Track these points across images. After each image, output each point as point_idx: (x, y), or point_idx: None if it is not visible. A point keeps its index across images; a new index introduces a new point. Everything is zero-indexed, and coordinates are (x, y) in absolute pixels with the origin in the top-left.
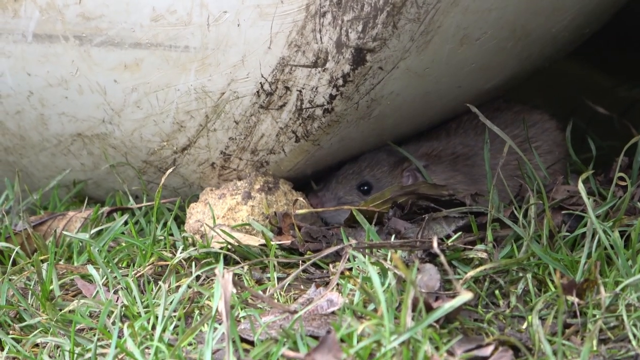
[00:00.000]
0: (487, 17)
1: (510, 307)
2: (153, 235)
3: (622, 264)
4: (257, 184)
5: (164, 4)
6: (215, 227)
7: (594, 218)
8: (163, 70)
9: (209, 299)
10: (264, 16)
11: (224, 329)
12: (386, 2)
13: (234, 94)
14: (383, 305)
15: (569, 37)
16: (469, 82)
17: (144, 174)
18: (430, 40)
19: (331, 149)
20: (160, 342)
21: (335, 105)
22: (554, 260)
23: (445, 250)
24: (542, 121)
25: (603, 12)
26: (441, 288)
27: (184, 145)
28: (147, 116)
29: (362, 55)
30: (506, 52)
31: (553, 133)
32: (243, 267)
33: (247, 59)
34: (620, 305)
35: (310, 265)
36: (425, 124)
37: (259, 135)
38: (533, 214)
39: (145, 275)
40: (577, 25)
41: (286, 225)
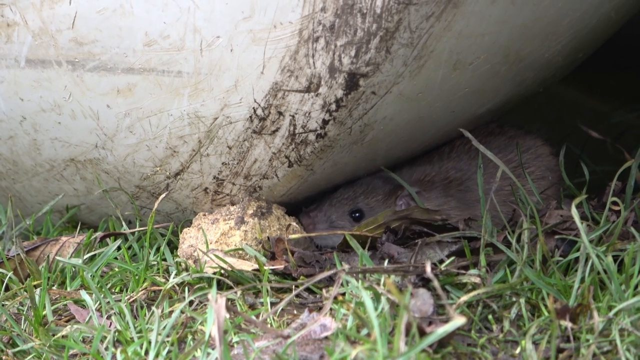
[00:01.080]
0: (481, 42)
1: (503, 331)
2: (146, 260)
3: (616, 289)
4: (250, 209)
5: (157, 29)
6: (208, 252)
7: (587, 243)
8: (156, 95)
9: (202, 324)
10: (257, 41)
11: (217, 354)
12: (379, 27)
13: (227, 119)
14: (376, 330)
15: (563, 61)
16: (462, 106)
17: (137, 199)
18: (424, 65)
19: (324, 173)
20: None
21: (328, 131)
22: (547, 285)
23: (439, 275)
24: (535, 146)
25: (597, 37)
26: (434, 313)
27: (177, 170)
28: (140, 141)
29: (355, 80)
30: (500, 76)
31: (546, 158)
32: (236, 292)
33: (240, 84)
34: (613, 330)
35: (303, 290)
36: (418, 148)
37: (252, 160)
38: (526, 239)
39: (138, 301)
40: (571, 49)
41: (279, 250)
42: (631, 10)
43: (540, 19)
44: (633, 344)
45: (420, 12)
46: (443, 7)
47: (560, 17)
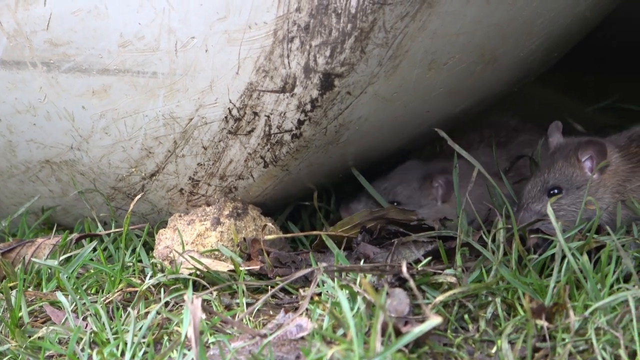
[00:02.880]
0: (455, 42)
1: (479, 331)
2: (122, 261)
3: (592, 288)
4: (225, 210)
5: (132, 30)
6: (184, 253)
7: (562, 241)
8: (131, 96)
9: (178, 324)
10: (232, 42)
11: (193, 354)
12: (354, 27)
13: (202, 120)
14: (352, 330)
15: (538, 60)
16: (437, 106)
17: (112, 201)
18: (399, 65)
19: (300, 174)
20: None
21: (303, 131)
22: (523, 284)
23: (415, 275)
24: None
25: (571, 36)
26: (410, 312)
27: (153, 171)
28: (115, 142)
29: (330, 80)
30: (475, 76)
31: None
32: (212, 292)
33: (215, 84)
34: (589, 329)
35: (279, 290)
36: (393, 148)
37: (228, 160)
38: (502, 238)
39: (114, 302)
40: (546, 49)
41: (255, 251)
42: (605, 9)
43: (515, 19)
44: (609, 342)
45: (395, 12)
46: (418, 7)
47: (534, 17)
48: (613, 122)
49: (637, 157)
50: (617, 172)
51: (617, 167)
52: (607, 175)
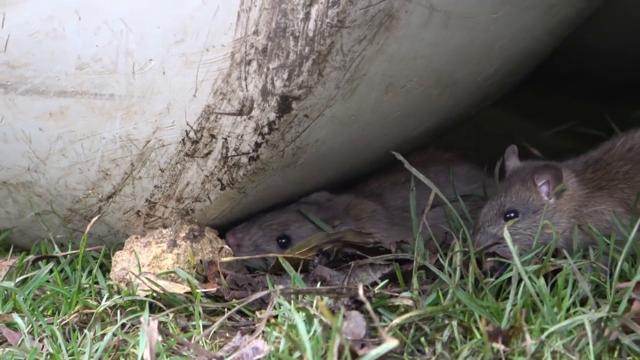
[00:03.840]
0: (413, 65)
1: (435, 354)
2: (78, 283)
3: (548, 311)
4: (182, 232)
5: (89, 52)
6: (140, 275)
7: (519, 265)
8: (88, 118)
9: (134, 346)
10: (189, 64)
11: None
12: (312, 50)
13: (160, 142)
14: (309, 353)
15: (496, 84)
16: (395, 129)
17: (69, 222)
18: (356, 88)
19: (257, 196)
20: None
21: (260, 153)
22: (480, 307)
23: (371, 298)
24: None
25: (529, 60)
26: (367, 335)
27: (110, 193)
28: (72, 164)
29: (287, 103)
30: (432, 99)
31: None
32: (168, 314)
33: (172, 107)
34: (545, 353)
35: (235, 312)
36: (351, 171)
37: (185, 183)
38: (458, 261)
39: (70, 324)
40: (504, 72)
41: (212, 273)
42: (563, 33)
43: (473, 43)
44: None
45: (353, 36)
46: (375, 30)
47: (493, 41)
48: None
49: (594, 182)
50: (574, 197)
51: (574, 192)
52: (563, 200)
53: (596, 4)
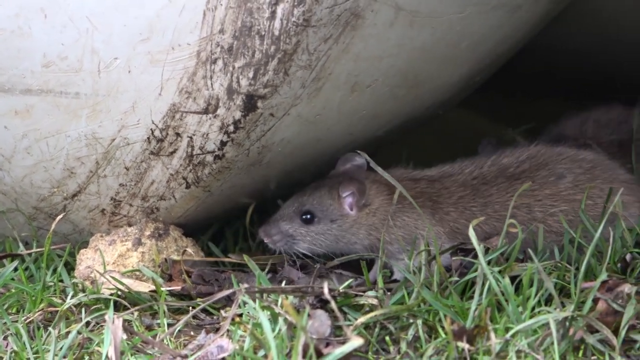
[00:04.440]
0: (379, 65)
1: (400, 353)
2: (43, 281)
3: (513, 310)
4: (147, 231)
5: (55, 50)
6: (105, 274)
7: (484, 264)
8: (54, 116)
9: (99, 344)
10: (154, 63)
11: None
12: (277, 49)
13: (125, 141)
14: (273, 351)
15: (462, 84)
16: (360, 129)
17: (34, 220)
18: (322, 87)
19: (222, 195)
20: None
21: (226, 152)
22: (445, 306)
23: (336, 297)
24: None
25: (495, 60)
26: (332, 334)
27: (74, 191)
28: (37, 162)
29: (253, 102)
30: (398, 99)
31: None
32: (133, 313)
33: (138, 105)
34: (510, 352)
35: (200, 311)
36: (316, 171)
37: (150, 181)
38: (423, 260)
39: (35, 321)
40: (469, 72)
41: (176, 272)
42: (529, 34)
43: (439, 42)
44: None
45: (319, 35)
46: (341, 29)
47: (458, 41)
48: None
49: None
50: (378, 211)
51: (379, 206)
52: (364, 213)
53: (562, 5)
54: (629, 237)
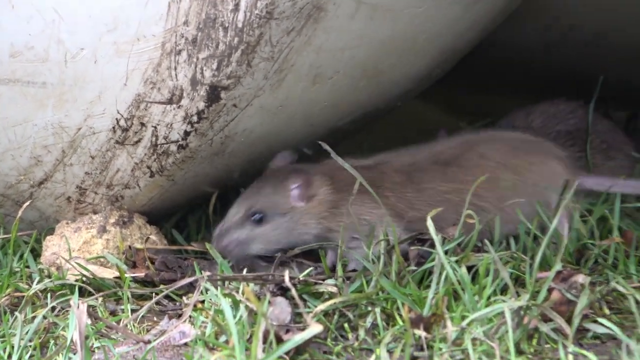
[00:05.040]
0: (340, 57)
1: (358, 340)
2: (10, 267)
3: (469, 299)
4: (112, 218)
5: (22, 40)
6: (70, 260)
7: (442, 254)
8: (21, 105)
9: (64, 329)
10: (120, 53)
11: (79, 358)
12: (241, 40)
13: (90, 130)
14: (234, 337)
15: (421, 76)
16: (321, 120)
17: (1, 207)
18: (284, 79)
19: (185, 184)
20: None
21: (189, 142)
22: (402, 294)
23: (297, 284)
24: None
25: (453, 54)
26: (292, 321)
27: (41, 179)
28: (4, 151)
29: (216, 93)
30: (358, 90)
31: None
32: (97, 298)
33: (103, 95)
34: (466, 340)
35: (163, 297)
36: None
37: (115, 170)
38: (382, 250)
39: (1, 306)
40: (428, 65)
41: (140, 259)
42: (486, 29)
43: (398, 35)
44: (485, 353)
45: (281, 27)
46: (304, 22)
47: (417, 34)
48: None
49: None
50: (324, 201)
51: (325, 197)
52: (312, 204)
53: (518, 2)
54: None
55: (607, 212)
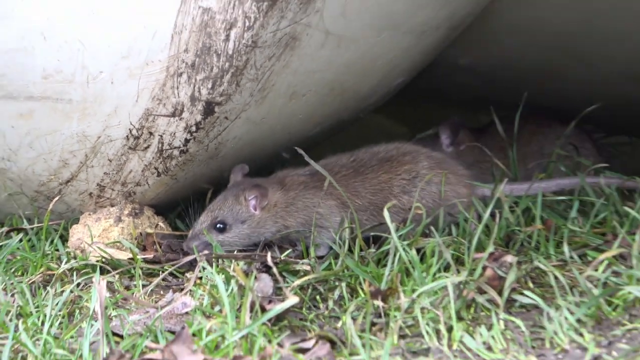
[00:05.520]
0: (312, 78)
1: (328, 309)
2: (42, 250)
3: (418, 276)
4: (126, 210)
5: (52, 65)
6: (92, 244)
7: (396, 239)
8: (51, 118)
9: (87, 301)
10: (132, 76)
11: (99, 325)
12: (231, 65)
13: (108, 138)
14: (227, 307)
15: (379, 93)
16: (297, 129)
17: (35, 201)
18: (266, 96)
19: (186, 182)
20: (48, 335)
21: (189, 147)
22: (364, 272)
23: (278, 263)
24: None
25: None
26: (273, 293)
27: (68, 178)
28: (38, 155)
29: (211, 108)
30: (327, 105)
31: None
32: (114, 276)
33: (118, 109)
34: (416, 309)
35: (168, 274)
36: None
37: (128, 170)
38: (347, 235)
39: (36, 282)
40: (384, 84)
41: (149, 243)
42: (433, 54)
43: (359, 60)
44: (431, 319)
45: (264, 54)
46: (282, 49)
47: (375, 58)
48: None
49: (312, 184)
50: (277, 205)
51: (277, 202)
52: (266, 210)
53: (458, 31)
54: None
55: (531, 204)
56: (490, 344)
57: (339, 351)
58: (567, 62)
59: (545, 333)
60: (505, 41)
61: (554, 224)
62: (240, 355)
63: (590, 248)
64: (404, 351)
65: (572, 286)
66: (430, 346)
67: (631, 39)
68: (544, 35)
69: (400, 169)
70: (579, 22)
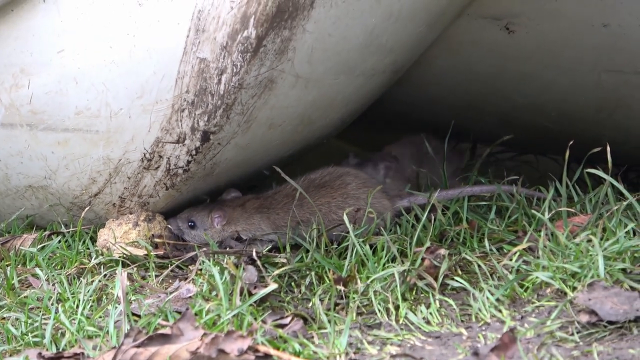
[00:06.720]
0: (286, 112)
1: (301, 293)
2: (77, 248)
3: (371, 266)
4: (142, 216)
5: (83, 104)
6: (115, 244)
7: (353, 237)
8: (82, 145)
9: (112, 288)
10: (145, 111)
11: (122, 307)
12: (222, 102)
13: (127, 160)
14: (221, 292)
15: (338, 123)
16: (275, 152)
17: (70, 211)
18: (250, 126)
19: (188, 194)
20: (81, 316)
21: (190, 167)
22: (329, 263)
23: (261, 257)
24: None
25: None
26: (258, 281)
27: (96, 192)
28: (72, 174)
29: (207, 136)
30: (297, 133)
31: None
32: (133, 268)
33: (135, 138)
34: (370, 292)
35: (175, 267)
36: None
37: (143, 186)
38: (315, 234)
39: (71, 274)
40: (344, 114)
41: (160, 243)
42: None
43: (323, 97)
44: (382, 300)
45: (249, 93)
46: (262, 90)
47: (335, 96)
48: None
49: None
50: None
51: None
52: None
53: (400, 74)
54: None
55: (459, 208)
56: (429, 319)
57: (310, 326)
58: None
59: (472, 310)
60: (437, 81)
61: (477, 224)
62: (232, 330)
63: (505, 242)
64: (361, 325)
65: (491, 273)
66: (382, 321)
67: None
68: (467, 75)
69: (335, 193)
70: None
